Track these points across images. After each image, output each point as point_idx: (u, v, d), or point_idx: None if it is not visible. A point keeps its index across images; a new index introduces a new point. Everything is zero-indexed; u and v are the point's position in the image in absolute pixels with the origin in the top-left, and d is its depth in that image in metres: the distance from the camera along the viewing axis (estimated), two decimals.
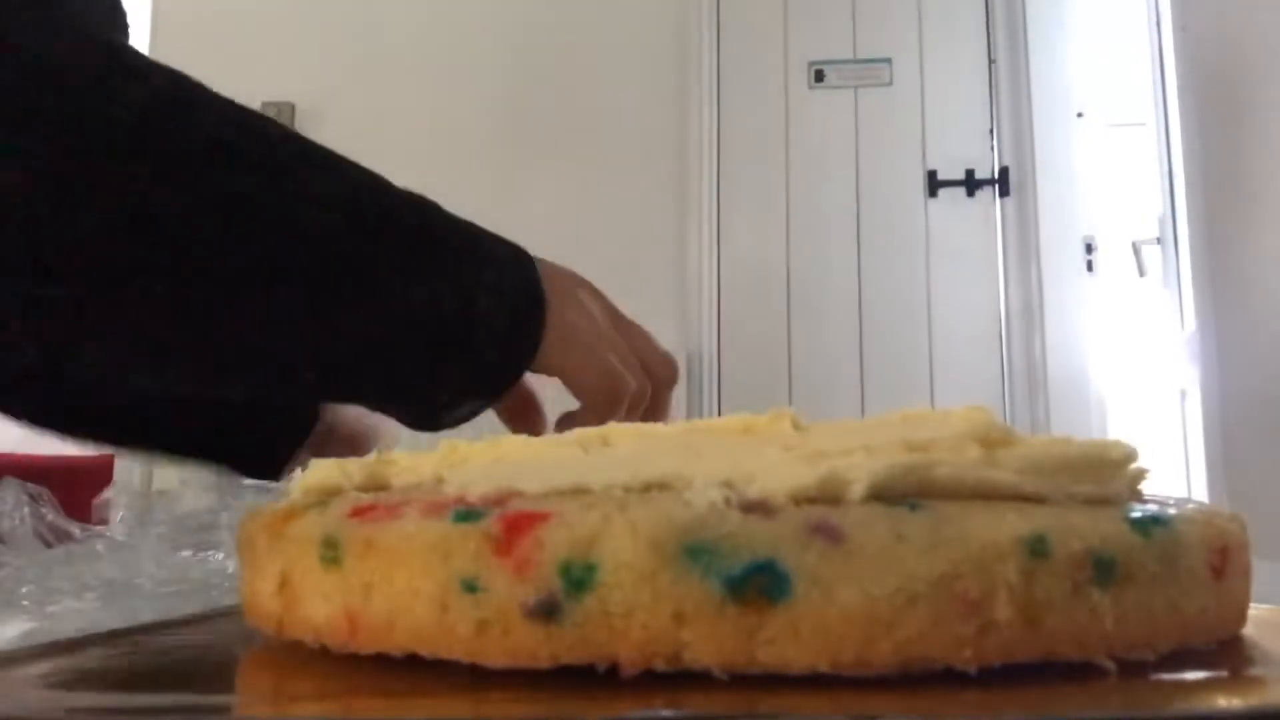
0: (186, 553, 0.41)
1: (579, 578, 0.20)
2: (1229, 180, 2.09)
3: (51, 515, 0.39)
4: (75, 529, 0.39)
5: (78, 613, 0.34)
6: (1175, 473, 2.47)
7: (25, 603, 0.34)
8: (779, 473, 0.21)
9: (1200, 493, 2.30)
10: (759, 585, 0.19)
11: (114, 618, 0.34)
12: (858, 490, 0.21)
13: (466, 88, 2.84)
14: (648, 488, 0.22)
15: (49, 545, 0.39)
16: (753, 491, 0.21)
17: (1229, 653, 0.23)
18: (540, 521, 0.21)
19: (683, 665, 0.20)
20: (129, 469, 2.76)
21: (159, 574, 0.37)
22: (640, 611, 0.20)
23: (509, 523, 0.21)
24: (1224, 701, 0.20)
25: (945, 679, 0.20)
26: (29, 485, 0.40)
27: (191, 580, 0.37)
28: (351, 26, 2.91)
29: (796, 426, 0.29)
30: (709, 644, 0.20)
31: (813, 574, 0.20)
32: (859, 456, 0.23)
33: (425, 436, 0.46)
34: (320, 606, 0.23)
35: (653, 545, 0.20)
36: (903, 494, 0.21)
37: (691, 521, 0.20)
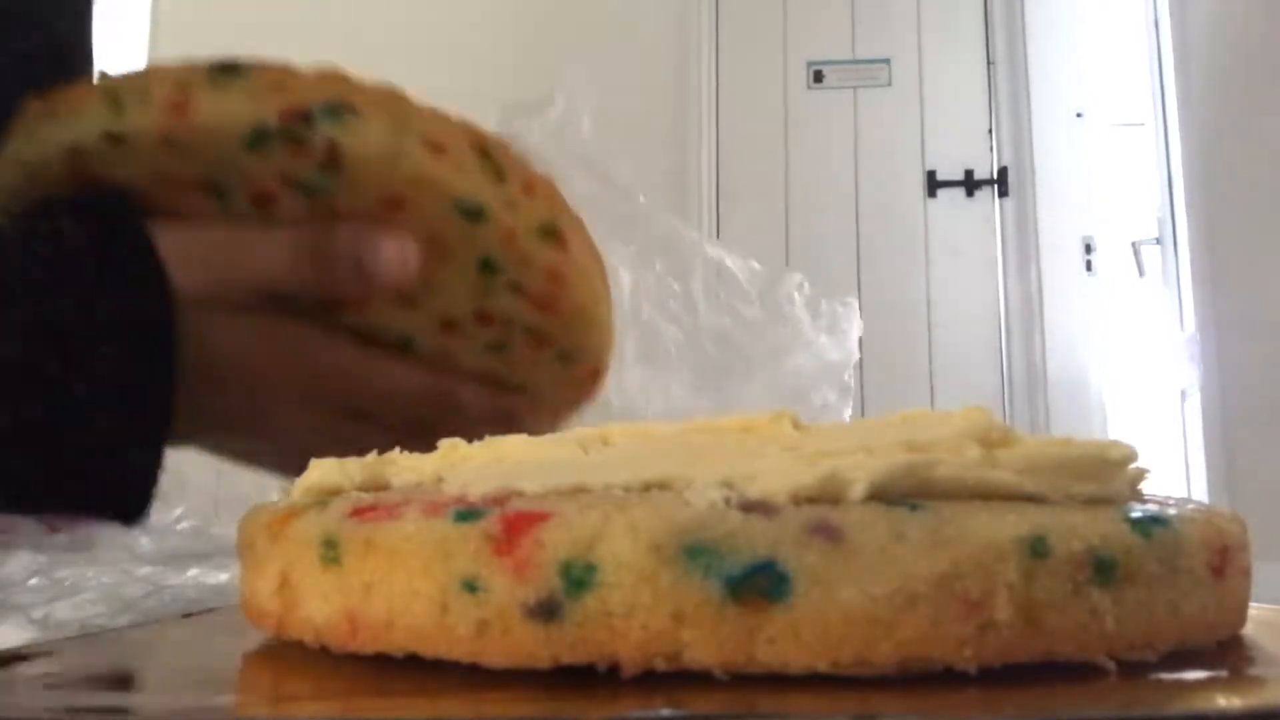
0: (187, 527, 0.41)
1: (579, 578, 0.20)
2: (1228, 180, 2.09)
3: None
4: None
5: (76, 610, 0.34)
6: (1175, 473, 2.47)
7: (26, 601, 0.34)
8: (779, 473, 0.21)
9: (1200, 493, 2.30)
10: (759, 585, 0.19)
11: (114, 617, 0.34)
12: (858, 490, 0.21)
13: (466, 88, 2.83)
14: (648, 488, 0.22)
15: (54, 530, 0.38)
16: (753, 491, 0.21)
17: (1229, 653, 0.23)
18: (540, 521, 0.21)
19: (683, 665, 0.20)
20: None
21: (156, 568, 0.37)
22: (640, 611, 0.20)
23: (509, 523, 0.21)
24: (1224, 701, 0.20)
25: (945, 679, 0.20)
26: None
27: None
28: (350, 26, 2.91)
29: (796, 426, 0.29)
30: (709, 644, 0.20)
31: (813, 574, 0.20)
32: (859, 456, 0.23)
33: None
34: (320, 606, 0.23)
35: (653, 545, 0.20)
36: (903, 494, 0.21)
37: (691, 521, 0.20)
